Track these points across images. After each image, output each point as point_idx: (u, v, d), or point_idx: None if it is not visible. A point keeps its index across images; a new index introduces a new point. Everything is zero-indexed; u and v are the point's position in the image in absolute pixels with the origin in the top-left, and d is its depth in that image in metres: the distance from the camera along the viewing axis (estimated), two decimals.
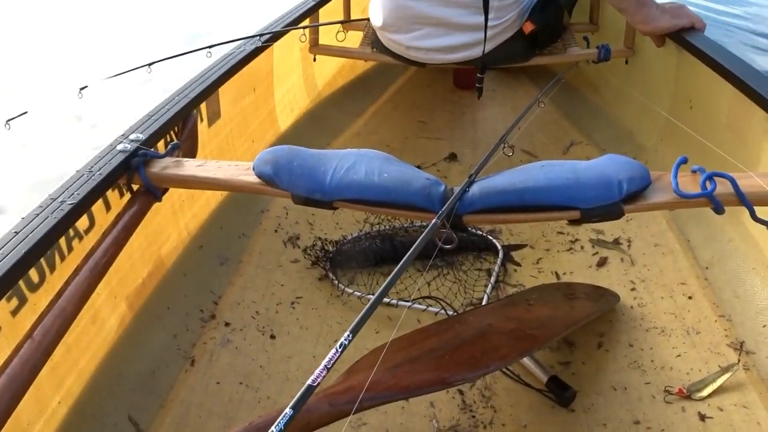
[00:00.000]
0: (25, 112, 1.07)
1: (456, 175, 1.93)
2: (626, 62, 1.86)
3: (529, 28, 1.67)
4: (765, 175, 0.98)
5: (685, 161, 1.00)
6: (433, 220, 0.90)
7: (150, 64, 1.29)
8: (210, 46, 1.41)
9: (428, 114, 2.28)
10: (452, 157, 2.04)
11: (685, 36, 1.50)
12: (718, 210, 0.94)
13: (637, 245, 1.53)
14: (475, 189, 0.99)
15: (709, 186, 0.94)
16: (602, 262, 1.52)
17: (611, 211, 0.96)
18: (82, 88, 1.16)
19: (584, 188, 0.97)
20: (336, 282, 1.47)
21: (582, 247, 1.57)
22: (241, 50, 1.52)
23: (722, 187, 0.94)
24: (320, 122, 2.04)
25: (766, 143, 1.24)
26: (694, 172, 0.98)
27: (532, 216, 1.01)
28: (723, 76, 1.33)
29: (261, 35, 1.55)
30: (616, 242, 1.56)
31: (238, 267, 1.48)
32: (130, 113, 1.23)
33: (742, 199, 0.93)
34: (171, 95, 1.26)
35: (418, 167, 1.93)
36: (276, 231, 1.62)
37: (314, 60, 1.98)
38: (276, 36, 1.63)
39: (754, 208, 0.94)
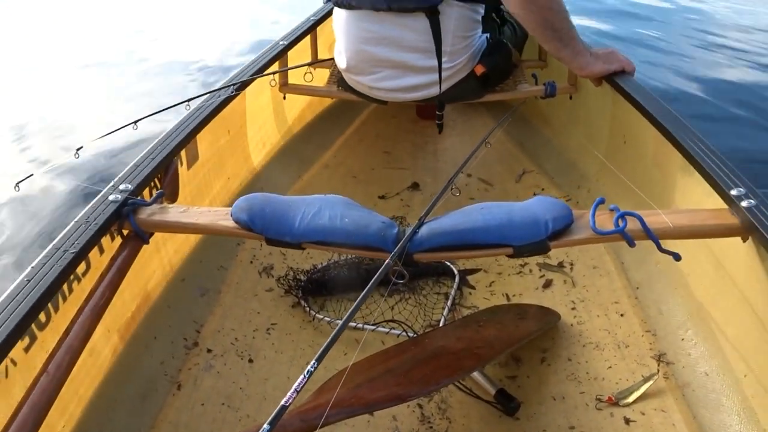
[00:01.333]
0: (31, 175, 1.21)
1: (418, 204, 2.09)
2: (570, 98, 2.03)
3: (480, 70, 1.83)
4: (672, 213, 1.15)
5: (602, 201, 1.16)
6: (387, 260, 1.05)
7: (136, 122, 1.43)
8: (189, 100, 1.56)
9: (392, 144, 2.44)
10: (415, 186, 2.20)
11: (616, 79, 1.68)
12: (630, 244, 1.11)
13: (578, 268, 1.71)
14: (424, 230, 1.15)
15: (621, 223, 1.10)
16: (547, 284, 1.68)
17: (539, 247, 1.13)
18: (79, 149, 1.30)
19: (516, 228, 1.13)
20: (307, 308, 1.61)
21: (530, 271, 1.74)
22: (217, 97, 1.66)
23: (633, 224, 1.11)
24: (291, 156, 2.18)
25: (682, 181, 1.42)
26: (611, 210, 1.15)
27: (472, 253, 1.17)
28: (647, 118, 1.50)
29: (234, 84, 1.70)
30: (560, 265, 1.73)
31: (217, 297, 1.62)
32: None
33: (649, 234, 1.10)
34: (154, 144, 1.40)
35: (383, 197, 2.12)
36: (251, 262, 1.76)
37: (284, 98, 2.13)
38: (249, 82, 1.78)
39: (666, 240, 1.11)
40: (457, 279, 1.71)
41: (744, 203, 1.10)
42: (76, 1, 5.26)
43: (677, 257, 1.13)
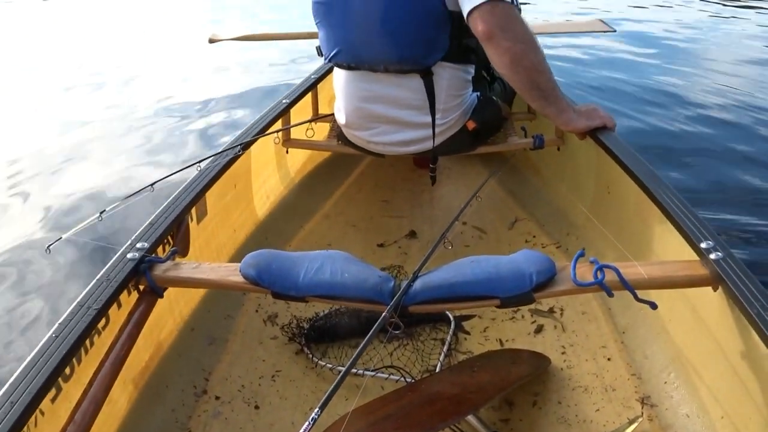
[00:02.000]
0: (60, 238, 1.32)
1: (415, 252, 2.19)
2: (558, 149, 2.14)
3: (471, 125, 1.94)
4: (647, 264, 1.25)
5: (582, 254, 1.25)
6: (384, 313, 1.14)
7: (152, 185, 1.54)
8: (199, 161, 1.67)
9: (390, 193, 2.55)
10: (412, 234, 2.30)
11: (599, 134, 1.79)
12: (609, 294, 1.20)
13: (568, 313, 1.79)
14: (418, 284, 1.24)
15: (599, 275, 1.19)
16: (539, 329, 1.77)
17: (524, 299, 1.22)
18: (102, 213, 1.40)
19: (503, 281, 1.23)
20: (310, 355, 1.69)
21: (522, 316, 1.82)
22: (225, 156, 1.77)
23: (611, 276, 1.20)
24: (293, 207, 2.28)
25: (660, 233, 1.51)
26: (591, 262, 1.24)
27: (463, 305, 1.26)
28: (627, 173, 1.60)
29: (241, 144, 1.81)
30: (551, 311, 1.82)
31: (225, 345, 1.70)
32: None
33: (625, 285, 1.19)
34: (168, 203, 1.51)
35: (382, 245, 2.21)
36: (257, 311, 1.85)
37: (287, 152, 2.24)
38: (255, 140, 1.90)
39: (644, 290, 1.20)
40: (452, 325, 1.79)
41: (712, 255, 1.20)
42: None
43: (653, 306, 1.21)
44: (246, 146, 1.83)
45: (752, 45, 5.92)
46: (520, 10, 1.66)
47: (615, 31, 3.01)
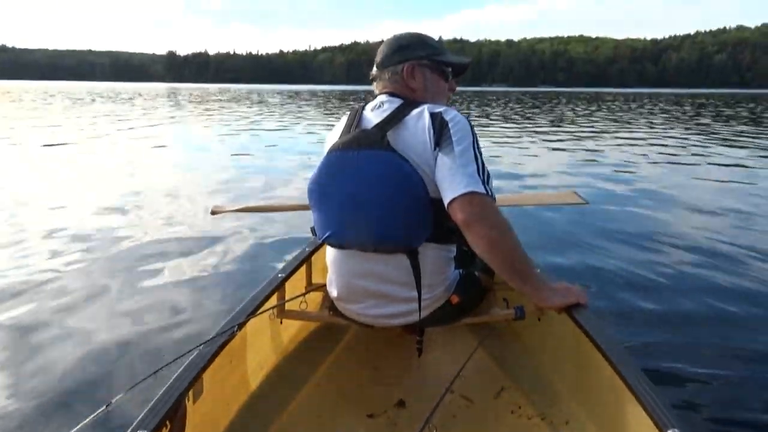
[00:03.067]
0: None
1: (404, 423, 2.21)
2: (539, 320, 2.26)
3: (455, 300, 2.08)
4: None
5: None
6: None
7: (155, 372, 1.63)
8: (199, 345, 1.77)
9: (380, 360, 2.61)
10: (401, 403, 2.34)
11: (573, 311, 1.91)
12: None
13: None
14: None
15: None
16: None
17: None
18: (108, 405, 1.48)
19: None
20: None
21: None
22: (222, 335, 1.87)
23: None
24: (285, 376, 2.35)
25: (632, 416, 1.56)
26: None
27: None
28: (600, 353, 1.71)
29: (239, 324, 1.92)
30: None
31: None
32: None
33: None
34: (167, 388, 1.58)
35: (371, 416, 2.25)
36: None
37: (281, 323, 2.35)
38: (251, 317, 2.01)
39: None
40: None
41: None
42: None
43: None
44: (242, 325, 1.94)
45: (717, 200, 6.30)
46: (494, 198, 1.85)
47: (588, 203, 3.23)
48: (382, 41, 2.22)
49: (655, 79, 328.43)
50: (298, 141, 13.49)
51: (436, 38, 2.29)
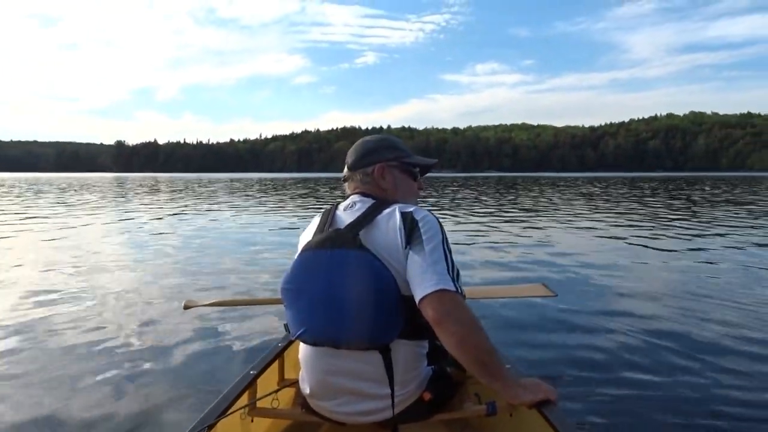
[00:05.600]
0: None
1: None
2: (510, 415, 2.26)
3: (427, 396, 2.09)
4: None
5: None
6: None
7: None
8: None
9: None
10: None
11: (543, 408, 1.93)
12: None
13: None
14: None
15: None
16: None
17: None
18: None
19: None
20: None
21: None
22: None
23: None
24: None
25: None
26: None
27: None
28: None
29: (209, 426, 1.90)
30: None
31: None
32: None
33: None
34: None
35: None
36: None
37: (252, 421, 2.32)
38: (220, 418, 1.98)
39: None
40: None
41: None
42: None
43: None
44: (212, 426, 1.92)
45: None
46: (464, 295, 1.90)
47: (557, 295, 3.28)
48: (331, 130, 2.32)
49: (593, 163, 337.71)
50: (256, 229, 13.19)
51: (385, 127, 2.40)
